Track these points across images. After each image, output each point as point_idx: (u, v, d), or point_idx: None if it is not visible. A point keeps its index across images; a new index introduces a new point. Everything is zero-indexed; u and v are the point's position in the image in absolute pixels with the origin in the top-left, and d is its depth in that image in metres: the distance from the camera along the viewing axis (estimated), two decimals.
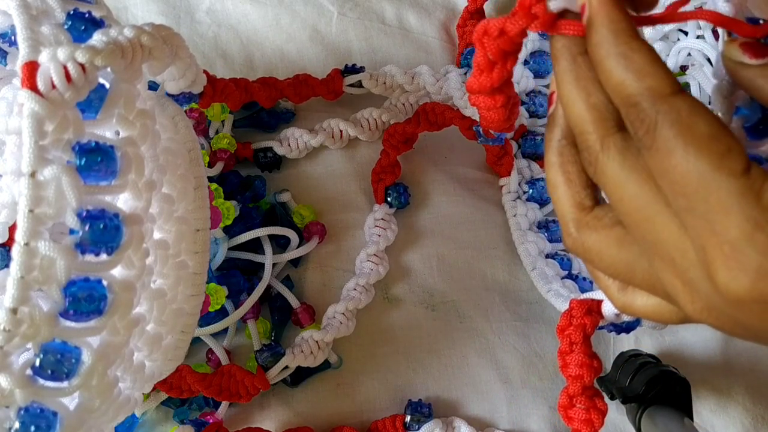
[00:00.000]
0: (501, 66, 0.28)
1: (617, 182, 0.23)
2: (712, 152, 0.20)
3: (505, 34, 0.26)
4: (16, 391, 0.24)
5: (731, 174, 0.20)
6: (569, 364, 0.35)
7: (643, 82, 0.22)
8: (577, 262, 0.49)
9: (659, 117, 0.21)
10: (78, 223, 0.25)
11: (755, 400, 0.46)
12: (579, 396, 0.35)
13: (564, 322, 0.36)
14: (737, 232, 0.20)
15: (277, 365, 0.44)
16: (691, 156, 0.20)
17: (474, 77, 0.29)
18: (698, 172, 0.20)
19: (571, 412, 0.35)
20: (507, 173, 0.50)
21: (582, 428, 0.35)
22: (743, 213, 0.20)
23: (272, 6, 0.54)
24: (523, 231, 0.48)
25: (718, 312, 0.22)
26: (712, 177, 0.20)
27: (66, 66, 0.24)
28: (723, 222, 0.20)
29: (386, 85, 0.51)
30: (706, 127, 0.21)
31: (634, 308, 0.28)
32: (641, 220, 0.23)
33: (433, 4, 0.55)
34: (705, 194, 0.20)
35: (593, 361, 0.35)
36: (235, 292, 0.46)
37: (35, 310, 0.24)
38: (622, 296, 0.28)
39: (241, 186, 0.48)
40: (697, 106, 0.21)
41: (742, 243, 0.20)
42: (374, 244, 0.47)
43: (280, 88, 0.48)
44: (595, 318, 0.35)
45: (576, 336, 0.35)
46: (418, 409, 0.45)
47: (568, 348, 0.36)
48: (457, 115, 0.48)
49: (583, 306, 0.36)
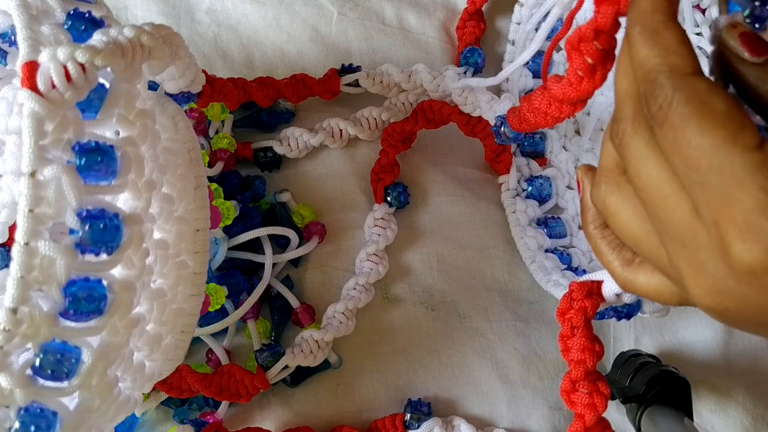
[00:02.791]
0: (602, 69, 0.28)
1: (638, 157, 0.24)
2: (728, 128, 0.21)
3: (600, 31, 0.26)
4: (16, 391, 0.24)
5: (745, 148, 0.20)
6: (571, 348, 0.35)
7: (666, 59, 0.22)
8: (577, 257, 0.49)
9: (676, 93, 0.22)
10: (78, 222, 0.25)
11: (755, 400, 0.46)
12: (582, 380, 0.35)
13: (564, 305, 0.36)
14: (752, 202, 0.20)
15: (277, 365, 0.44)
16: (707, 131, 0.21)
17: (573, 86, 0.29)
18: (712, 146, 0.21)
19: (573, 396, 0.35)
20: (506, 171, 0.50)
21: (585, 412, 0.34)
22: (757, 184, 0.20)
23: (272, 6, 0.54)
24: (523, 227, 0.48)
25: (725, 293, 0.22)
26: (726, 151, 0.20)
27: (66, 66, 0.24)
28: (737, 194, 0.20)
29: (383, 83, 0.51)
30: (723, 105, 0.21)
31: (635, 285, 0.28)
32: (655, 197, 0.23)
33: (433, 4, 0.55)
34: (719, 167, 0.21)
35: (595, 344, 0.35)
36: (235, 292, 0.46)
37: (35, 310, 0.24)
38: (625, 272, 0.28)
39: (241, 186, 0.48)
40: (715, 87, 0.21)
41: (756, 213, 0.20)
42: (374, 244, 0.47)
43: (278, 88, 0.48)
44: (596, 300, 0.35)
45: (577, 319, 0.35)
46: (417, 407, 0.45)
47: (569, 332, 0.35)
48: (455, 111, 0.48)
49: (584, 288, 0.35)
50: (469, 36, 0.53)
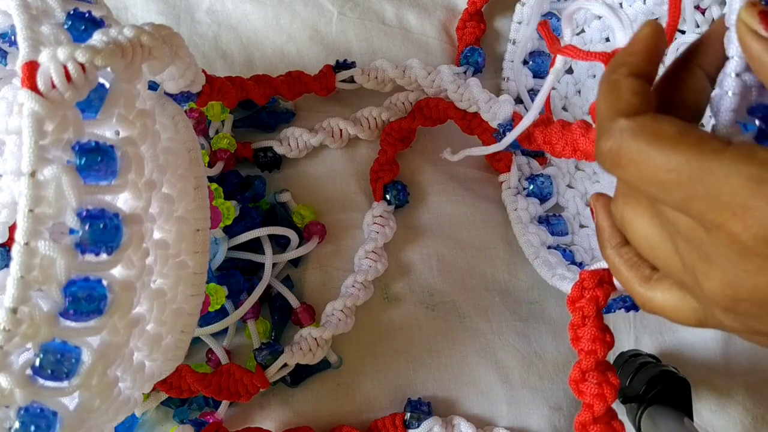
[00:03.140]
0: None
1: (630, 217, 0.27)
2: (689, 143, 0.22)
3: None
4: (16, 391, 0.24)
5: (714, 152, 0.21)
6: (581, 338, 0.35)
7: (614, 105, 0.24)
8: (579, 254, 0.49)
9: (623, 133, 0.23)
10: (78, 222, 0.25)
11: (755, 400, 0.46)
12: (592, 371, 0.34)
13: (575, 293, 0.35)
14: (744, 192, 0.21)
15: (276, 363, 0.44)
16: (671, 152, 0.22)
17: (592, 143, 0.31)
18: (684, 161, 0.22)
19: (582, 386, 0.34)
20: (506, 169, 0.50)
21: (594, 402, 0.34)
22: (742, 174, 0.21)
23: (272, 6, 0.54)
24: (525, 224, 0.48)
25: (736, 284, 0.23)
26: (699, 160, 0.21)
27: (66, 66, 0.24)
28: (726, 190, 0.21)
29: (378, 79, 0.51)
30: (672, 128, 0.22)
31: (653, 303, 0.29)
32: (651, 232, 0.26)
33: (433, 4, 0.55)
34: (699, 176, 0.21)
35: (606, 335, 0.34)
36: (235, 292, 0.46)
37: (35, 309, 0.24)
38: (642, 289, 0.29)
39: (241, 186, 0.48)
40: (659, 116, 0.23)
41: (751, 199, 0.21)
42: (372, 241, 0.47)
43: (274, 85, 0.48)
44: (607, 289, 0.35)
45: (589, 309, 0.34)
46: (417, 406, 0.45)
47: (580, 321, 0.35)
48: (451, 106, 0.48)
49: (595, 276, 0.35)
50: (470, 36, 0.53)
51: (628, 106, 0.24)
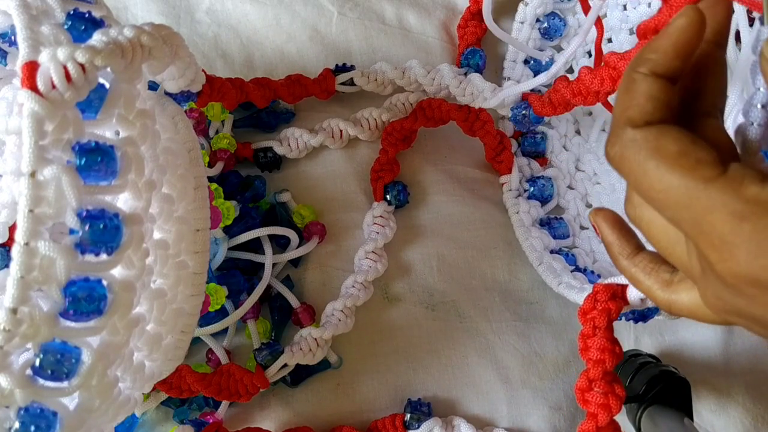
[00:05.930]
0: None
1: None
2: (684, 166, 0.22)
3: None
4: (16, 391, 0.24)
5: (706, 181, 0.21)
6: (590, 347, 0.35)
7: (626, 111, 0.23)
8: (581, 257, 0.49)
9: (627, 144, 0.23)
10: (78, 223, 0.25)
11: (755, 400, 0.46)
12: (598, 380, 0.35)
13: (588, 305, 0.36)
14: (725, 227, 0.21)
15: (276, 363, 0.44)
16: (665, 174, 0.22)
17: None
18: (674, 185, 0.22)
19: (588, 395, 0.35)
20: (506, 170, 0.50)
21: (599, 412, 0.34)
22: (726, 208, 0.21)
23: (272, 6, 0.54)
24: (527, 227, 0.48)
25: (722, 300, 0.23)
26: (686, 188, 0.21)
27: (66, 66, 0.24)
28: (709, 220, 0.21)
29: (378, 81, 0.51)
30: (674, 146, 0.22)
31: (679, 305, 0.28)
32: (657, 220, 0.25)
33: (433, 4, 0.55)
34: (686, 203, 0.22)
35: (615, 346, 0.35)
36: (235, 292, 0.46)
37: (35, 310, 0.24)
38: (665, 294, 0.29)
39: (241, 186, 0.48)
40: (666, 130, 0.23)
41: (730, 235, 0.21)
42: (372, 241, 0.47)
43: (274, 89, 0.48)
44: (620, 303, 0.35)
45: (600, 320, 0.35)
46: (417, 407, 0.45)
47: (590, 332, 0.35)
48: (453, 107, 0.48)
49: (608, 290, 0.35)
50: (470, 36, 0.53)
51: (640, 113, 0.23)
